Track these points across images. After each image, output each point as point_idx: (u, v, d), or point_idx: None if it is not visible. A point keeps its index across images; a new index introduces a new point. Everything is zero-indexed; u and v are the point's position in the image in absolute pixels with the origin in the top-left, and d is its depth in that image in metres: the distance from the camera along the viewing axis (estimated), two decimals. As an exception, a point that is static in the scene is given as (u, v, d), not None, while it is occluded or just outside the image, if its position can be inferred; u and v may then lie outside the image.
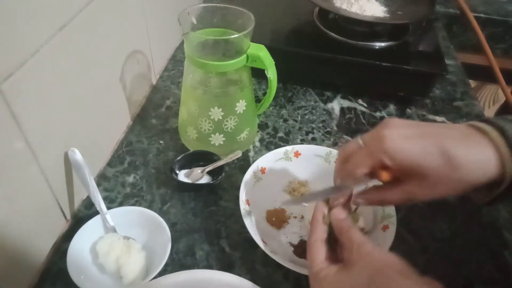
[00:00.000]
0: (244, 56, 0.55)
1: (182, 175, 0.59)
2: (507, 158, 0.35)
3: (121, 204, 0.56)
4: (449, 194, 0.37)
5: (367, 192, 0.42)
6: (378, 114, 0.76)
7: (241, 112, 0.58)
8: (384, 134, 0.37)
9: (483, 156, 0.35)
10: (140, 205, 0.56)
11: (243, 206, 0.52)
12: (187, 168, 0.60)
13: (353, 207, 0.43)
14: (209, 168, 0.59)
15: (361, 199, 0.42)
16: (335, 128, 0.72)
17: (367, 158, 0.38)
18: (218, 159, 0.59)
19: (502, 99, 1.26)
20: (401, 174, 0.38)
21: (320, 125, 0.72)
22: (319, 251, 0.40)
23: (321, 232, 0.41)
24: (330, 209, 0.43)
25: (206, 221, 0.55)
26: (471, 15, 1.01)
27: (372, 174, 0.39)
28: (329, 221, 0.41)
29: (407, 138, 0.37)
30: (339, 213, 0.41)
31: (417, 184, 0.37)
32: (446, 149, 0.35)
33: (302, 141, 0.69)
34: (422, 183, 0.37)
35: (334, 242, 0.41)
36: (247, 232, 0.49)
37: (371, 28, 0.79)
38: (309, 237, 0.41)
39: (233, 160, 0.60)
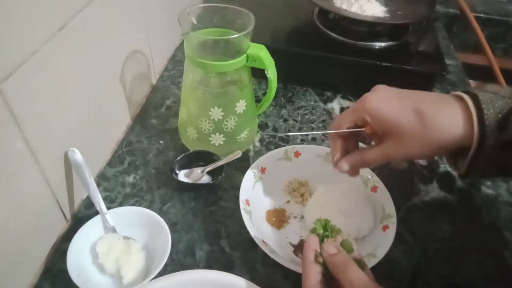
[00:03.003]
0: (244, 56, 0.55)
1: (182, 175, 0.59)
2: (474, 118, 0.38)
3: (121, 204, 0.56)
4: (422, 155, 0.43)
5: (350, 155, 0.47)
6: (378, 114, 0.76)
7: (241, 112, 0.58)
8: (367, 96, 0.43)
9: (453, 117, 0.39)
10: (140, 205, 0.56)
11: (243, 206, 0.52)
12: (187, 168, 0.60)
13: (346, 234, 0.40)
14: (209, 168, 0.59)
15: (345, 161, 0.46)
16: (335, 128, 0.72)
17: (351, 115, 0.45)
18: (218, 159, 0.59)
19: (502, 99, 1.25)
20: (381, 132, 0.43)
21: (320, 125, 0.72)
22: None
23: (315, 275, 0.37)
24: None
25: (206, 221, 0.55)
26: (471, 15, 1.01)
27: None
28: (323, 260, 0.38)
29: (387, 99, 0.42)
30: (330, 248, 0.38)
31: (393, 143, 0.42)
32: (420, 109, 0.40)
33: (302, 141, 0.69)
34: (398, 141, 0.41)
35: (331, 279, 0.37)
36: (247, 232, 0.49)
37: (371, 28, 0.79)
38: (303, 283, 0.37)
39: (233, 160, 0.60)
